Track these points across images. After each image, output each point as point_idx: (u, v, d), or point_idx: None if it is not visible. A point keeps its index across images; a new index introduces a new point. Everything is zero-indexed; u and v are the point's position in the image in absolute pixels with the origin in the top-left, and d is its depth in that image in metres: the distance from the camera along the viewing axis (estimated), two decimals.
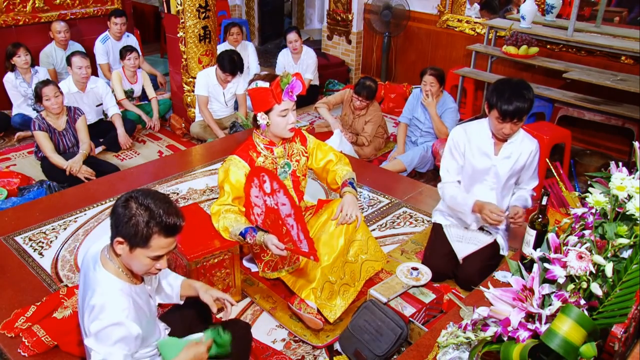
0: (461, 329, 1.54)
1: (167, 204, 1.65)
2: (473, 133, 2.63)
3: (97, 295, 1.65)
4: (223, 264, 2.54)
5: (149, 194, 1.66)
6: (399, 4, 5.95)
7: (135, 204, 1.62)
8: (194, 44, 4.76)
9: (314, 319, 2.42)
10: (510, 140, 2.57)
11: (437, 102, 4.20)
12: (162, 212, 1.62)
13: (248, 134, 4.45)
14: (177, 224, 1.66)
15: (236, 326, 2.14)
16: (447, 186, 2.71)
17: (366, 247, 2.67)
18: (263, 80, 2.41)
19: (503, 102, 2.38)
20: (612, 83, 4.22)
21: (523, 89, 2.41)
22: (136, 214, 1.61)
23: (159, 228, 1.62)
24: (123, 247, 1.65)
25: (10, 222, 3.16)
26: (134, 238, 1.62)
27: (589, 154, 4.61)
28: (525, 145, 2.58)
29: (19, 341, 2.22)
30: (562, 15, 5.01)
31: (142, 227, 1.60)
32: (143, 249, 1.64)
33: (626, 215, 1.48)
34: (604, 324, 1.35)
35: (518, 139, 2.58)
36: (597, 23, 4.74)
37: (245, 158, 2.49)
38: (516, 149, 2.58)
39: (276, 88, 2.37)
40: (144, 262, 1.67)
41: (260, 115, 2.43)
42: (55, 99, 3.94)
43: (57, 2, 5.40)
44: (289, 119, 2.45)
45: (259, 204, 2.37)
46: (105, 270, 1.69)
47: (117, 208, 1.64)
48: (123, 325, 1.62)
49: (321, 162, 2.71)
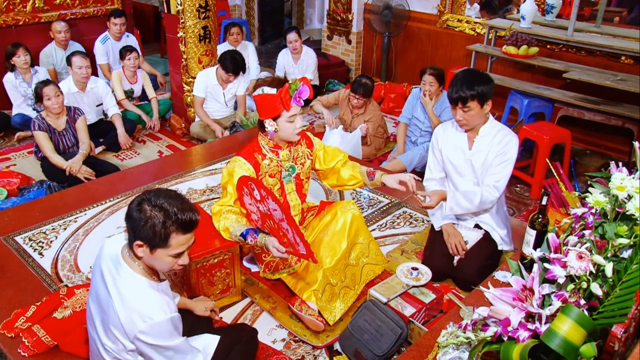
0: (461, 329, 1.54)
1: (180, 201, 1.66)
2: (450, 129, 2.75)
3: (131, 297, 1.64)
4: (223, 264, 2.54)
5: (160, 194, 1.66)
6: (399, 4, 5.95)
7: (149, 206, 1.62)
8: (194, 44, 4.76)
9: (315, 321, 2.42)
10: (482, 134, 2.63)
11: (437, 101, 4.20)
12: (177, 210, 1.63)
13: (247, 134, 4.48)
14: (193, 219, 1.67)
15: (242, 331, 2.15)
16: (427, 184, 2.89)
17: (367, 251, 2.67)
18: (269, 86, 2.39)
19: (451, 89, 2.55)
20: (612, 83, 4.22)
21: (474, 79, 2.51)
22: (151, 215, 1.61)
23: (176, 226, 1.63)
24: (143, 249, 1.65)
25: (10, 222, 3.16)
26: (153, 240, 1.62)
27: (589, 154, 4.61)
28: (498, 139, 2.61)
29: (19, 341, 2.22)
30: (562, 15, 5.01)
31: (159, 228, 1.61)
32: (163, 249, 1.65)
33: (626, 215, 1.48)
34: (604, 324, 1.35)
35: (491, 133, 2.62)
36: (597, 23, 4.74)
37: (250, 160, 2.47)
38: (488, 142, 2.62)
39: (285, 95, 2.35)
40: (166, 260, 1.68)
41: (268, 122, 2.41)
42: (55, 98, 3.94)
43: (57, 2, 5.40)
44: (297, 123, 2.44)
45: (254, 210, 2.37)
46: (132, 270, 1.69)
47: (132, 212, 1.64)
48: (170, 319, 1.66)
49: (331, 162, 2.70)
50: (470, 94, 2.49)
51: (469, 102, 2.51)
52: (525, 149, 4.42)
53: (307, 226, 2.71)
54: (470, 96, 2.49)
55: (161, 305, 1.67)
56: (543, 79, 5.01)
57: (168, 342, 1.68)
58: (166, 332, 1.66)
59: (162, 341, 1.66)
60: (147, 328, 1.62)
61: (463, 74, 2.59)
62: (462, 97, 2.50)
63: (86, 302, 2.34)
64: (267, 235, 2.33)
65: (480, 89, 2.49)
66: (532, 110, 4.84)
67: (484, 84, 2.51)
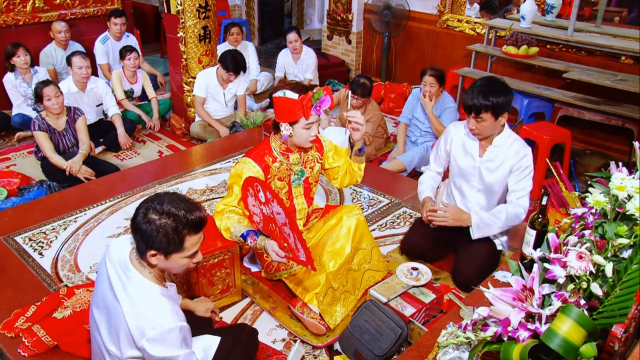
0: (461, 329, 1.54)
1: (185, 202, 1.65)
2: (461, 132, 2.69)
3: (143, 304, 1.62)
4: (223, 264, 2.54)
5: (163, 199, 1.63)
6: (399, 4, 5.95)
7: (156, 215, 1.60)
8: (194, 44, 4.76)
9: (317, 324, 2.42)
10: (495, 144, 2.56)
11: (437, 102, 4.20)
12: (185, 212, 1.62)
13: (247, 134, 4.48)
14: (202, 217, 1.67)
15: (243, 331, 2.14)
16: (426, 172, 2.90)
17: (370, 257, 2.67)
18: (292, 90, 2.36)
19: (467, 96, 2.48)
20: (612, 83, 4.22)
21: (491, 89, 2.43)
22: (161, 224, 1.59)
23: (188, 229, 1.62)
24: (157, 257, 1.64)
25: (10, 222, 3.16)
26: (168, 247, 1.61)
27: (589, 154, 4.61)
28: (513, 151, 2.55)
29: (19, 341, 2.22)
30: (562, 15, 5.01)
31: (172, 235, 1.60)
32: (179, 253, 1.64)
33: (626, 215, 1.48)
34: (604, 324, 1.35)
35: (506, 144, 2.55)
36: (597, 23, 4.74)
37: (260, 163, 2.45)
38: (501, 153, 2.56)
39: (307, 103, 2.33)
40: (182, 262, 1.68)
41: (284, 127, 2.39)
42: (56, 99, 3.94)
43: (57, 2, 5.40)
44: (312, 131, 2.42)
45: (257, 212, 2.37)
46: (142, 277, 1.67)
47: (140, 225, 1.60)
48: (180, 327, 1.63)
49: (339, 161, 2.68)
50: (485, 104, 2.41)
51: (482, 113, 2.43)
52: None
53: (311, 228, 2.71)
54: (485, 107, 2.41)
55: (171, 313, 1.64)
56: (543, 79, 5.01)
57: (176, 352, 1.63)
58: (175, 341, 1.63)
59: (170, 350, 1.62)
60: (157, 335, 1.59)
61: (482, 82, 2.50)
62: (476, 107, 2.42)
63: (86, 302, 2.35)
64: (267, 238, 2.32)
65: (495, 101, 2.40)
66: (532, 110, 4.84)
67: (501, 95, 2.42)
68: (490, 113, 2.43)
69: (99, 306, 1.74)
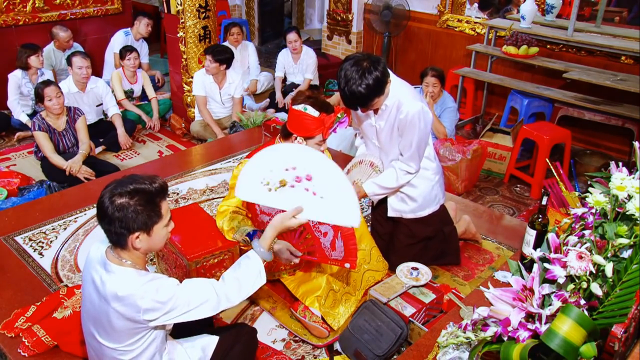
0: (461, 329, 1.54)
1: (142, 177, 1.67)
2: None
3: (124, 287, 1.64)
4: (223, 264, 2.54)
5: (123, 182, 1.64)
6: (399, 4, 5.95)
7: (125, 198, 1.60)
8: (194, 44, 4.76)
9: (320, 328, 2.42)
10: (385, 105, 2.50)
11: (437, 101, 4.20)
12: (149, 183, 1.64)
13: (247, 134, 4.48)
14: (164, 181, 1.70)
15: (242, 330, 2.13)
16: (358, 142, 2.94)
17: (369, 257, 2.67)
18: (312, 106, 2.34)
19: (344, 101, 2.44)
20: (612, 83, 4.22)
21: (354, 90, 2.33)
22: (135, 202, 1.60)
23: (159, 196, 1.66)
24: (141, 237, 1.65)
25: (10, 222, 3.16)
26: (150, 220, 1.64)
27: (589, 154, 4.61)
28: (400, 110, 2.46)
29: (19, 341, 2.22)
30: (562, 15, 5.00)
31: (149, 207, 1.62)
32: (159, 223, 1.67)
33: (626, 215, 1.48)
34: (604, 324, 1.35)
35: (394, 106, 2.48)
36: (597, 23, 4.73)
37: None
38: (391, 113, 2.50)
39: (329, 125, 2.35)
40: (162, 233, 1.70)
41: (298, 139, 2.39)
42: (56, 99, 3.94)
43: (57, 2, 5.40)
44: (323, 147, 2.44)
45: (267, 211, 2.36)
46: (120, 267, 1.68)
47: (114, 214, 1.60)
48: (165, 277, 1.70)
49: None
50: (362, 106, 2.41)
51: (367, 107, 2.44)
52: (526, 149, 4.43)
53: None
54: (365, 105, 2.40)
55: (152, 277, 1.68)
56: (543, 79, 5.01)
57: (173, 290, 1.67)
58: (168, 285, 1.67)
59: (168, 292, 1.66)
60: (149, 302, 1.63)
61: (345, 84, 2.38)
62: (358, 108, 2.43)
63: None
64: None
65: (368, 93, 2.34)
66: (532, 110, 4.84)
67: (368, 86, 2.34)
68: (370, 104, 2.40)
69: (89, 313, 1.76)
